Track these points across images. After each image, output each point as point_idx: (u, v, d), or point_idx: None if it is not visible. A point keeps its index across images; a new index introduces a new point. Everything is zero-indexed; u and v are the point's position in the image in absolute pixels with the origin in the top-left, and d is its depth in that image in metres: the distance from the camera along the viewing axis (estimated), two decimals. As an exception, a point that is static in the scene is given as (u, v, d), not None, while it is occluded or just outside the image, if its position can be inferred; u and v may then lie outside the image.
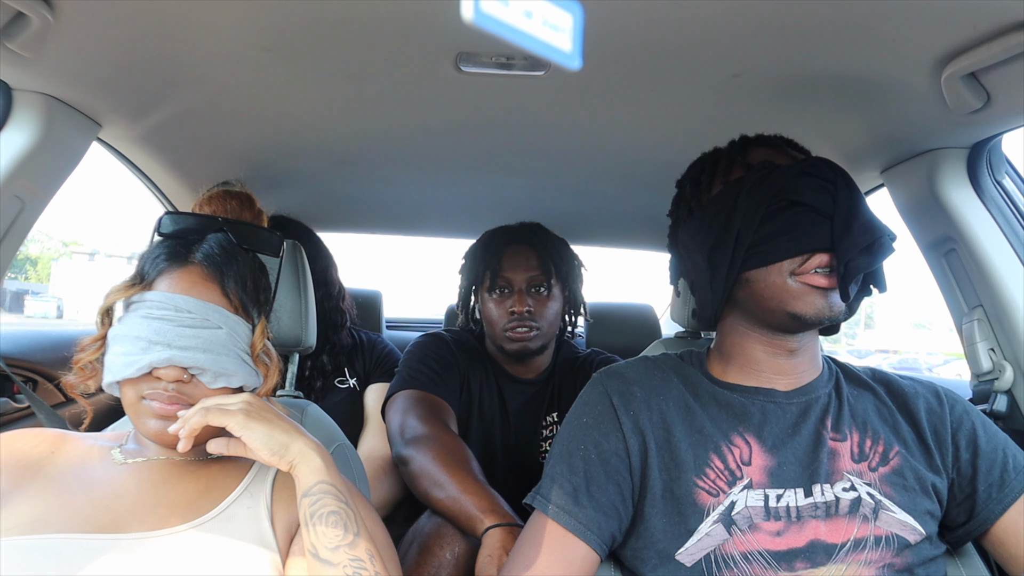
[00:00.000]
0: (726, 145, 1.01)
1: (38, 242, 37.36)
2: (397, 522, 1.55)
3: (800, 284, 0.87)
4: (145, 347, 0.82)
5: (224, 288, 0.89)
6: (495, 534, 1.09)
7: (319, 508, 0.78)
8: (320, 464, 0.81)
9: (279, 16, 0.99)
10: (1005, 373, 1.24)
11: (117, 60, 1.11)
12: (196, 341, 0.83)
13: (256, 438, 0.79)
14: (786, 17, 0.93)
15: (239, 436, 0.80)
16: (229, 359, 0.86)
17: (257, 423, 0.80)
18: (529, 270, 1.57)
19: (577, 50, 0.47)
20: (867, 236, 0.84)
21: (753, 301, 0.91)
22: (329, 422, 1.18)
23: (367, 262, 18.82)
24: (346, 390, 1.78)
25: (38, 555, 0.75)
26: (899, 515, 0.86)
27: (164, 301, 0.85)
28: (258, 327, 0.91)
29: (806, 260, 0.86)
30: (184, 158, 1.63)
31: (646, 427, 0.91)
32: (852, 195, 0.87)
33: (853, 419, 0.93)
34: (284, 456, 0.80)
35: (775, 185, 0.88)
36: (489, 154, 1.62)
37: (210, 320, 0.85)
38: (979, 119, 1.08)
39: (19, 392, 1.42)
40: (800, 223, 0.86)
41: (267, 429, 0.80)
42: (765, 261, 0.87)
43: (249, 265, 0.94)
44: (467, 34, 1.01)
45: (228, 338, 0.86)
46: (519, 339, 1.55)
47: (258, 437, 0.79)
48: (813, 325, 0.89)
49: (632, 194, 1.92)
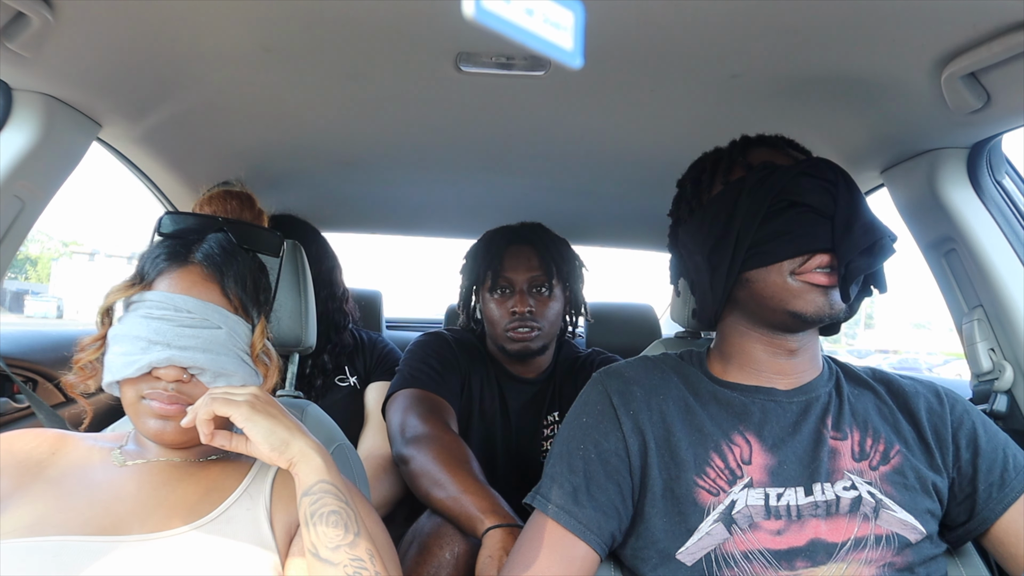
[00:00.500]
0: (727, 145, 1.01)
1: (38, 242, 37.38)
2: (397, 522, 1.55)
3: (800, 283, 0.87)
4: (145, 347, 0.82)
5: (224, 288, 0.89)
6: (496, 535, 1.09)
7: (320, 507, 0.78)
8: (321, 463, 0.81)
9: (279, 16, 0.99)
10: (1005, 373, 1.24)
11: (117, 60, 1.11)
12: (196, 341, 0.83)
13: (258, 432, 0.79)
14: (786, 17, 0.93)
15: (241, 428, 0.79)
16: (229, 359, 0.86)
17: (261, 417, 0.80)
18: (530, 270, 1.57)
19: (578, 48, 0.47)
20: (868, 237, 0.84)
21: (753, 301, 0.91)
22: (329, 422, 1.18)
23: (367, 262, 18.92)
24: (346, 388, 1.78)
25: (38, 557, 0.74)
26: (900, 514, 0.86)
27: (164, 301, 0.85)
28: (258, 327, 0.91)
29: (806, 260, 0.86)
30: (184, 158, 1.63)
31: (646, 427, 0.91)
32: (853, 196, 0.87)
33: (854, 418, 0.93)
34: (284, 453, 0.80)
35: (776, 186, 0.88)
36: (489, 154, 1.62)
37: (210, 320, 0.85)
38: (979, 119, 1.08)
39: (19, 392, 1.42)
40: (800, 223, 0.86)
41: (270, 424, 0.80)
42: (765, 261, 0.87)
43: (249, 265, 0.94)
44: (467, 34, 1.01)
45: (228, 338, 0.86)
46: (520, 339, 1.55)
47: (260, 431, 0.79)
48: (814, 324, 0.89)
49: (632, 194, 1.92)
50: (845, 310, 0.88)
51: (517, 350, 1.57)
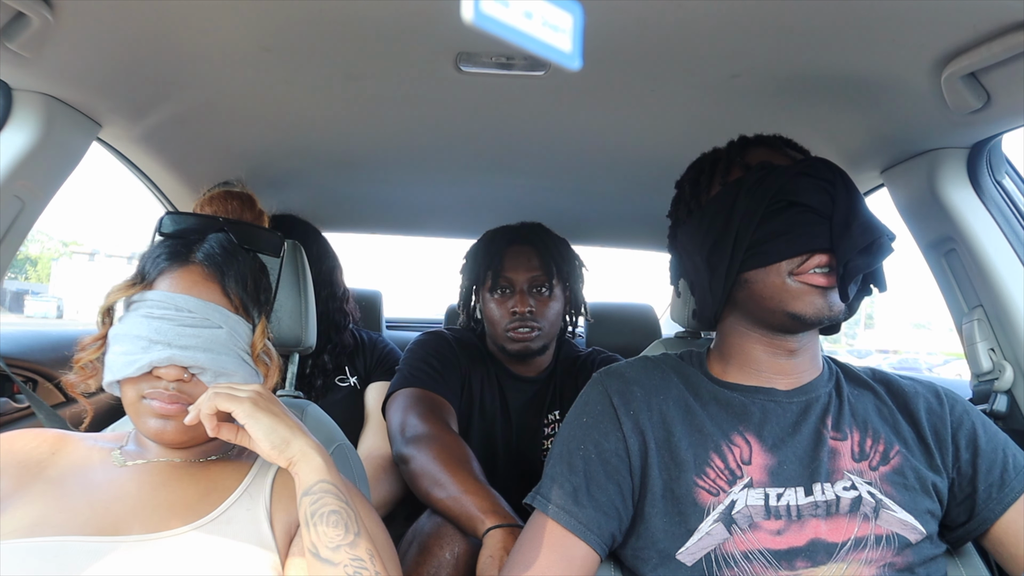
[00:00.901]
0: (725, 146, 1.01)
1: (38, 242, 37.37)
2: (397, 522, 1.55)
3: (799, 284, 0.87)
4: (146, 346, 0.82)
5: (225, 288, 0.89)
6: (496, 535, 1.09)
7: (320, 507, 0.78)
8: (321, 463, 0.81)
9: (279, 16, 0.99)
10: (1005, 373, 1.24)
11: (117, 60, 1.11)
12: (196, 340, 0.83)
13: (260, 428, 0.79)
14: (786, 17, 0.93)
15: (243, 424, 0.79)
16: (229, 358, 0.86)
17: (263, 414, 0.80)
18: (531, 270, 1.58)
19: (577, 50, 0.47)
20: (866, 236, 0.84)
21: (752, 302, 0.91)
22: (329, 422, 1.18)
23: (367, 262, 18.90)
24: (347, 388, 1.78)
25: (38, 557, 0.74)
26: (900, 514, 0.86)
27: (165, 300, 0.85)
28: (258, 327, 0.91)
29: (805, 260, 0.86)
30: (184, 158, 1.63)
31: (646, 427, 0.91)
32: (851, 195, 0.87)
33: (853, 418, 0.93)
34: (284, 452, 0.80)
35: (774, 186, 0.88)
36: (489, 154, 1.62)
37: (210, 320, 0.85)
38: (979, 119, 1.08)
39: (19, 392, 1.42)
40: (799, 223, 0.86)
41: (272, 421, 0.80)
42: (764, 262, 0.87)
43: (250, 265, 0.94)
44: (467, 34, 1.01)
45: (228, 338, 0.86)
46: (521, 339, 1.55)
47: (262, 428, 0.79)
48: (813, 325, 0.89)
49: (632, 194, 1.92)
50: (845, 310, 0.88)
51: (517, 350, 1.57)
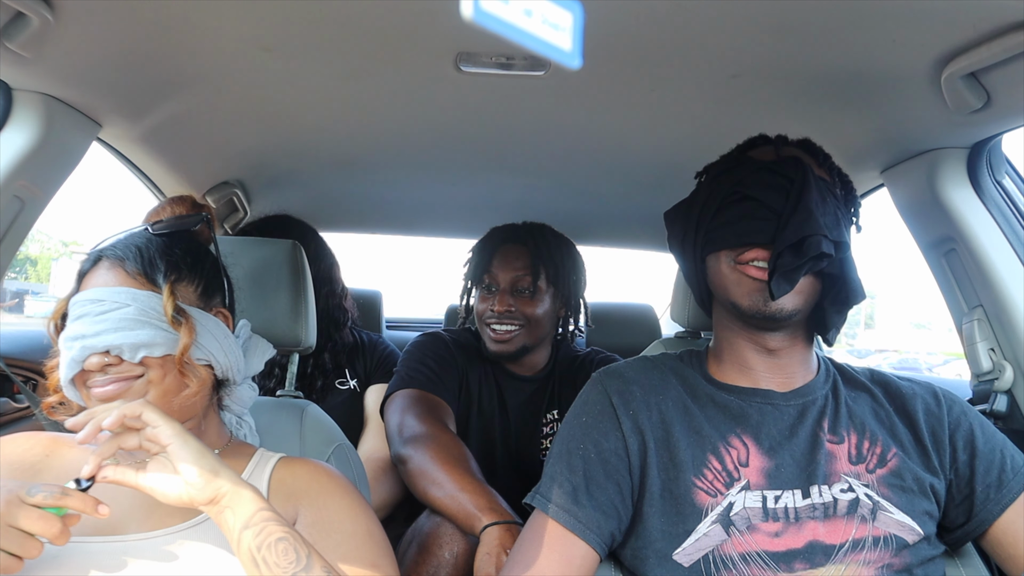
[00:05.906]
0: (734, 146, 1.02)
1: (38, 242, 37.40)
2: (397, 522, 1.55)
3: (739, 275, 0.90)
4: (70, 347, 0.84)
5: (125, 268, 0.89)
6: (493, 532, 1.09)
7: (266, 537, 0.75)
8: (253, 494, 0.77)
9: (279, 16, 0.99)
10: (1005, 373, 1.24)
11: (117, 60, 1.11)
12: (105, 324, 0.84)
13: (189, 452, 0.75)
14: (786, 17, 0.93)
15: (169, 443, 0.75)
16: (144, 331, 0.85)
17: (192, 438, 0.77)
18: (515, 270, 1.56)
19: (577, 49, 0.47)
20: (797, 232, 0.85)
21: (714, 290, 0.95)
22: (329, 422, 1.18)
23: (367, 262, 18.81)
24: (346, 391, 1.78)
25: (35, 559, 0.74)
26: (897, 515, 0.86)
27: (81, 299, 0.86)
28: (165, 290, 0.89)
29: (744, 252, 0.89)
30: (184, 158, 1.63)
31: (645, 427, 0.91)
32: (804, 194, 0.87)
33: (851, 421, 0.93)
34: (212, 482, 0.75)
35: (734, 178, 0.91)
36: (489, 154, 1.62)
37: (119, 301, 0.86)
38: (979, 119, 1.07)
39: (19, 392, 1.42)
40: (746, 216, 0.89)
41: (200, 447, 0.77)
42: (712, 248, 0.92)
43: (149, 239, 0.93)
44: (467, 34, 1.01)
45: (138, 312, 0.86)
46: (497, 338, 1.54)
47: (191, 452, 0.75)
48: (752, 317, 0.90)
49: (632, 194, 1.92)
50: (790, 312, 0.88)
51: (493, 350, 1.56)
